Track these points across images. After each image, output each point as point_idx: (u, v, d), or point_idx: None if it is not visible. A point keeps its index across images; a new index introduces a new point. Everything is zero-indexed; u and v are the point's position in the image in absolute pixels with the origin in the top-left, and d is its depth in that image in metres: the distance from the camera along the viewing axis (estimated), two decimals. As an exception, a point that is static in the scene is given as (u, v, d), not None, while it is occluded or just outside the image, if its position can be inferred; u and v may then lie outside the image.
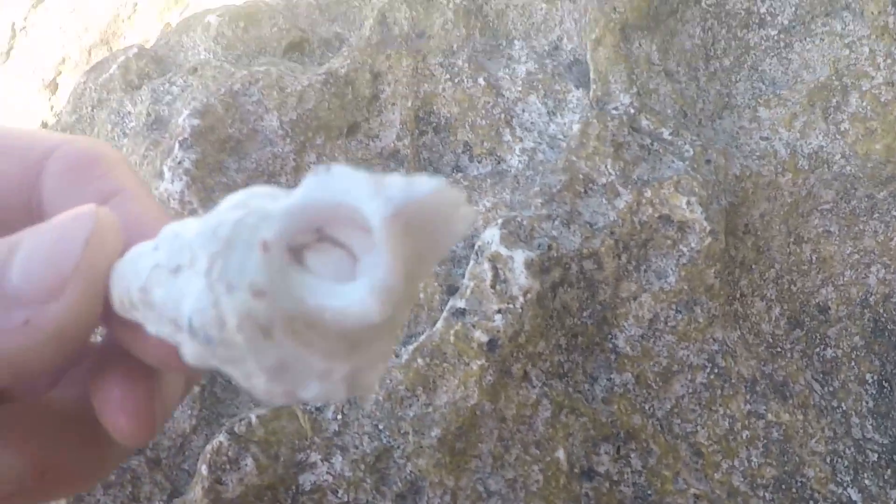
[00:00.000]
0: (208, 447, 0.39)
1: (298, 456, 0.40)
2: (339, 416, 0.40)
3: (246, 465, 0.40)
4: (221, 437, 0.39)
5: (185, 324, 0.14)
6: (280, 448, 0.40)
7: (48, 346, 0.16)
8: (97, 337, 0.26)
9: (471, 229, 0.40)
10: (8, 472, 0.18)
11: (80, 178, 0.20)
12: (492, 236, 0.39)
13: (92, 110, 0.55)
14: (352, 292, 0.14)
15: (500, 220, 0.40)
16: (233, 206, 0.15)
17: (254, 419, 0.40)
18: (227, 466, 0.40)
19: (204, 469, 0.39)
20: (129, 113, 0.53)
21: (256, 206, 0.14)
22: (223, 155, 0.46)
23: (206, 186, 0.44)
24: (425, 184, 0.13)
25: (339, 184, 0.14)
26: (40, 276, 0.17)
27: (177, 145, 0.45)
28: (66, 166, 0.20)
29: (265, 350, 0.14)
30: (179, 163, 0.44)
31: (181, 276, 0.15)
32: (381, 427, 0.40)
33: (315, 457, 0.40)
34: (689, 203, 0.42)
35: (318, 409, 0.41)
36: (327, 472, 0.40)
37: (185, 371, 0.18)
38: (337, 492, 0.40)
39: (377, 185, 0.13)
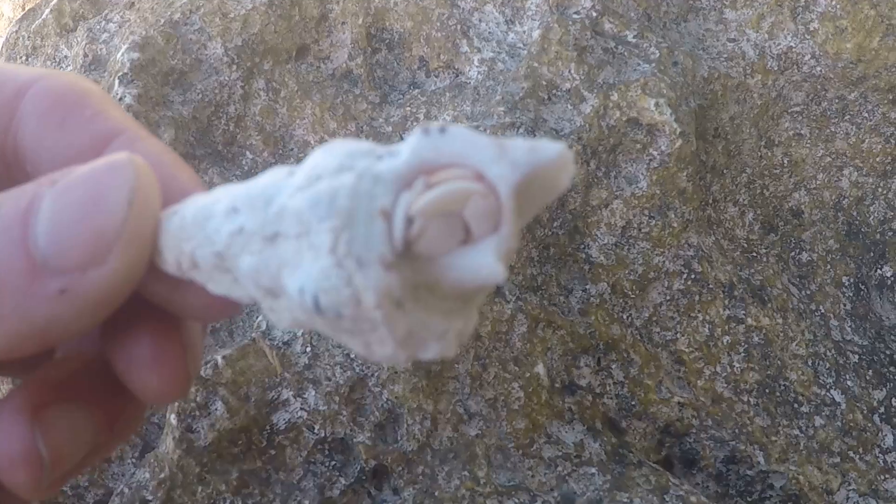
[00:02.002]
0: (173, 390, 0.37)
1: (270, 394, 0.39)
2: (309, 349, 0.39)
3: (216, 409, 0.38)
4: (185, 378, 0.37)
5: (307, 301, 0.14)
6: (250, 388, 0.39)
7: (86, 315, 0.15)
8: None
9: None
10: (84, 432, 0.17)
11: (68, 119, 0.18)
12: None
13: (27, 59, 0.52)
14: (478, 256, 0.14)
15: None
16: (337, 167, 0.14)
17: (220, 360, 0.38)
18: (197, 413, 0.38)
19: (173, 419, 0.37)
20: (66, 57, 0.50)
21: (363, 168, 0.14)
22: (166, 88, 0.43)
23: (150, 121, 0.42)
24: (550, 149, 0.14)
25: (454, 146, 0.14)
26: (77, 241, 0.15)
27: (116, 81, 0.42)
28: (48, 106, 0.18)
29: (397, 321, 0.14)
30: (120, 99, 0.41)
31: (282, 245, 0.14)
32: (352, 356, 0.38)
33: (287, 393, 0.38)
34: (657, 105, 0.40)
35: (286, 343, 0.39)
36: (301, 408, 0.38)
37: (222, 318, 0.17)
38: (313, 427, 0.38)
39: (500, 148, 0.14)
